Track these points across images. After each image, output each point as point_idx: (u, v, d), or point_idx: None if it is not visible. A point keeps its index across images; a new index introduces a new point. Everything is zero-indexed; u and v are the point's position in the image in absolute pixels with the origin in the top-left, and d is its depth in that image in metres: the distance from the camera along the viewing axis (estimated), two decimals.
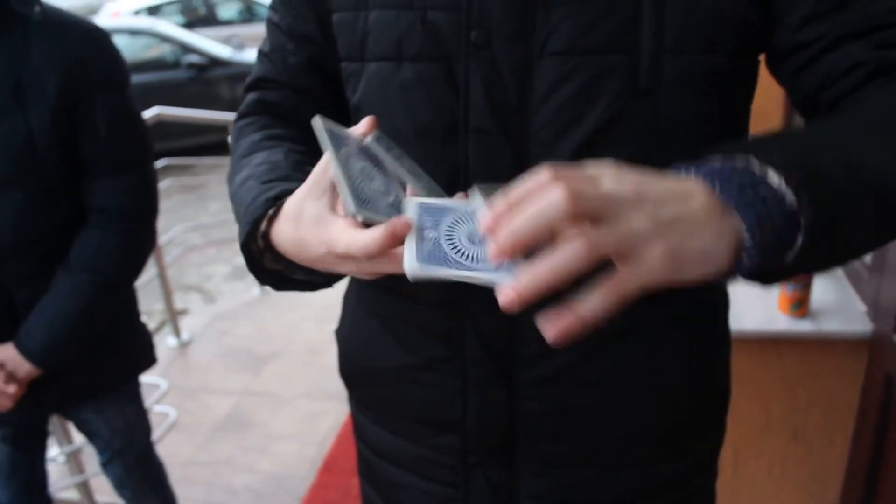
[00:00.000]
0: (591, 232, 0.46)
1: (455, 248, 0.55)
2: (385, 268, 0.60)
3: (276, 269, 0.75)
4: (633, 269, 0.48)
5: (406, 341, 0.87)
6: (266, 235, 0.71)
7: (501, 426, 0.84)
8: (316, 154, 0.89)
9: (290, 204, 0.67)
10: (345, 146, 0.62)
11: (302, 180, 0.69)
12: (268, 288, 0.80)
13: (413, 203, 0.60)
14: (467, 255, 0.54)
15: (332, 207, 0.63)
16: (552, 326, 0.49)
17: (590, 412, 0.82)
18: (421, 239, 0.55)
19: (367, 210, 0.56)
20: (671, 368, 0.83)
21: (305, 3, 0.85)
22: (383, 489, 1.00)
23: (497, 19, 0.71)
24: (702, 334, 0.86)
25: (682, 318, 0.82)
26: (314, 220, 0.63)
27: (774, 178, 0.52)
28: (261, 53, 0.93)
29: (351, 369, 0.98)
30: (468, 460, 0.88)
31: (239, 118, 0.95)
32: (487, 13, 0.71)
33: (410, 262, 0.54)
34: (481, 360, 0.82)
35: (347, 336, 0.97)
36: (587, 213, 0.46)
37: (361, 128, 0.67)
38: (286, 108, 0.91)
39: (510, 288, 0.47)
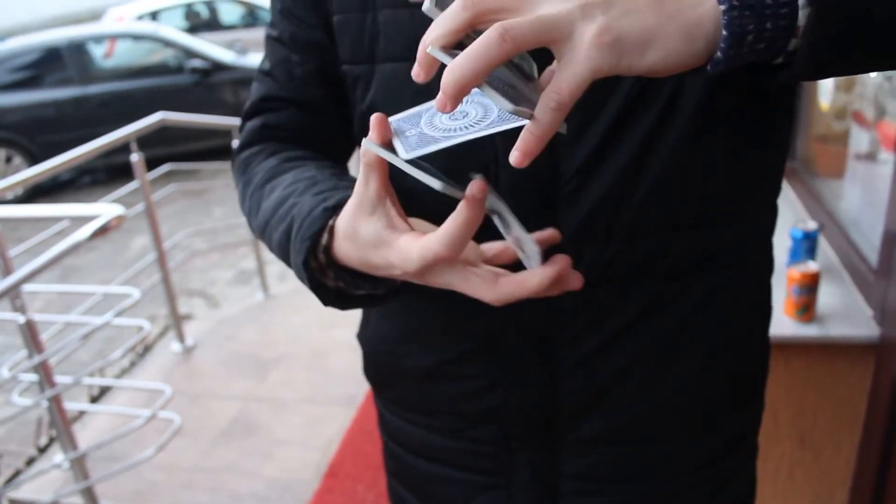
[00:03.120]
0: (504, 22, 0.46)
1: (437, 128, 0.56)
2: (461, 286, 0.59)
3: (338, 287, 0.71)
4: (568, 57, 0.47)
5: (438, 338, 0.86)
6: (328, 249, 0.68)
7: (542, 409, 0.84)
8: (344, 169, 0.87)
9: (342, 223, 0.64)
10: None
11: (350, 189, 0.67)
12: (272, 292, 0.78)
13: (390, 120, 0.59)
14: (452, 129, 0.55)
15: (389, 225, 0.60)
16: (516, 152, 0.49)
17: (629, 388, 0.82)
18: (405, 137, 0.56)
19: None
20: (709, 341, 0.83)
21: (309, 9, 0.82)
22: (418, 486, 0.99)
23: None
24: (742, 304, 0.85)
25: (718, 291, 0.81)
26: (374, 242, 0.61)
27: None
28: (260, 73, 0.90)
29: (378, 371, 0.97)
30: (510, 446, 0.88)
31: (241, 149, 0.91)
32: None
33: (401, 154, 0.54)
34: (520, 348, 0.82)
35: (373, 337, 0.96)
36: (495, 11, 0.47)
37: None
38: (293, 130, 0.88)
39: (442, 93, 0.47)
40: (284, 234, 0.73)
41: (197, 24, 10.15)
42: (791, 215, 2.39)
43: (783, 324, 1.82)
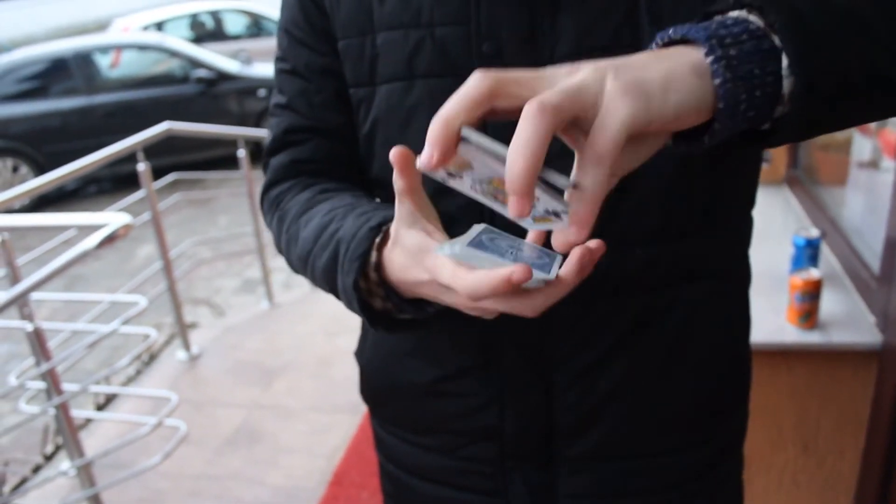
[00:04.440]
0: (537, 98, 0.46)
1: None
2: (497, 305, 0.58)
3: (385, 309, 0.72)
4: (601, 116, 0.47)
5: (435, 355, 0.87)
6: (378, 267, 0.69)
7: (539, 426, 0.85)
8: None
9: (391, 229, 0.66)
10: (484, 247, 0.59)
11: (390, 209, 0.69)
12: (277, 301, 0.79)
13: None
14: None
15: (429, 234, 0.62)
16: (573, 227, 0.48)
17: (625, 402, 0.84)
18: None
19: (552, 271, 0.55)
20: (699, 351, 0.85)
21: (319, 36, 0.83)
22: None
23: (507, 30, 0.72)
24: (726, 313, 0.87)
25: (705, 300, 0.83)
26: (416, 248, 0.62)
27: (735, 12, 0.53)
28: (277, 108, 0.89)
29: (376, 390, 0.98)
30: (506, 465, 0.89)
31: (271, 186, 0.90)
32: (496, 25, 0.72)
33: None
34: (517, 364, 0.83)
35: (371, 356, 0.97)
36: (516, 88, 0.48)
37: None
38: (321, 161, 0.88)
39: (512, 194, 0.45)
40: (331, 260, 0.73)
41: (202, 35, 10.20)
42: (793, 223, 2.40)
43: (786, 331, 1.83)
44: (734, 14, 0.53)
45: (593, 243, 0.55)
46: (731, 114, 0.51)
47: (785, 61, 0.51)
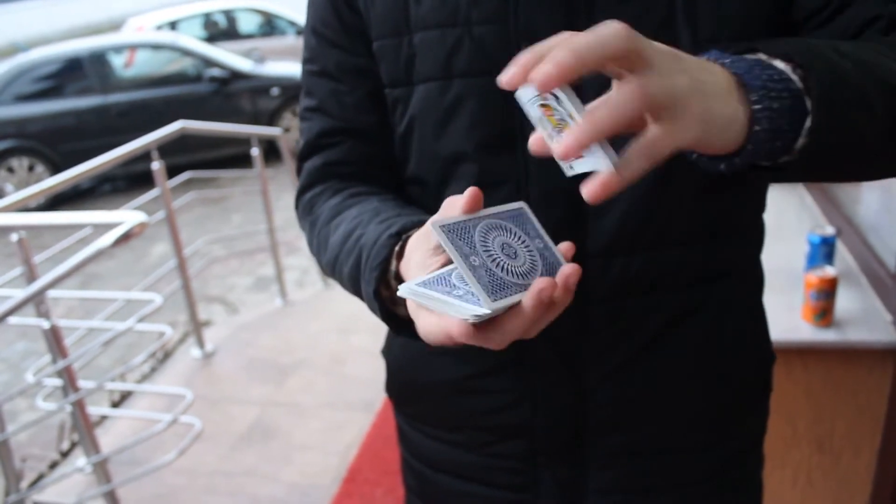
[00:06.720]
0: (644, 79, 0.47)
1: (503, 267, 0.55)
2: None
3: (409, 317, 0.72)
4: (670, 125, 0.49)
5: (467, 353, 0.86)
6: (399, 275, 0.69)
7: (570, 423, 0.85)
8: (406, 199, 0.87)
9: (409, 243, 0.66)
10: (470, 237, 0.56)
11: (413, 215, 0.70)
12: (290, 298, 0.79)
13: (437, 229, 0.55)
14: (514, 272, 0.56)
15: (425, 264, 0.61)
16: (595, 187, 0.49)
17: (655, 399, 0.84)
18: (472, 268, 0.54)
19: (500, 299, 0.53)
20: (725, 351, 0.86)
21: (351, 36, 0.82)
22: (439, 502, 1.00)
23: (544, 29, 0.72)
24: (750, 312, 0.89)
25: (731, 301, 0.85)
26: (418, 265, 0.62)
27: (780, 64, 0.56)
28: (308, 111, 0.88)
29: (403, 387, 0.98)
30: (536, 461, 0.89)
31: (304, 190, 0.90)
32: (534, 24, 0.73)
33: (484, 303, 0.53)
34: (549, 361, 0.83)
35: (399, 354, 0.97)
36: (640, 56, 0.47)
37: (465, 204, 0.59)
38: (354, 164, 0.87)
39: (572, 137, 0.46)
40: (354, 266, 0.74)
41: (215, 34, 10.24)
42: (808, 220, 2.39)
43: (801, 329, 1.82)
44: (780, 66, 0.55)
45: (566, 277, 0.54)
46: (754, 154, 0.55)
47: (807, 123, 0.54)
